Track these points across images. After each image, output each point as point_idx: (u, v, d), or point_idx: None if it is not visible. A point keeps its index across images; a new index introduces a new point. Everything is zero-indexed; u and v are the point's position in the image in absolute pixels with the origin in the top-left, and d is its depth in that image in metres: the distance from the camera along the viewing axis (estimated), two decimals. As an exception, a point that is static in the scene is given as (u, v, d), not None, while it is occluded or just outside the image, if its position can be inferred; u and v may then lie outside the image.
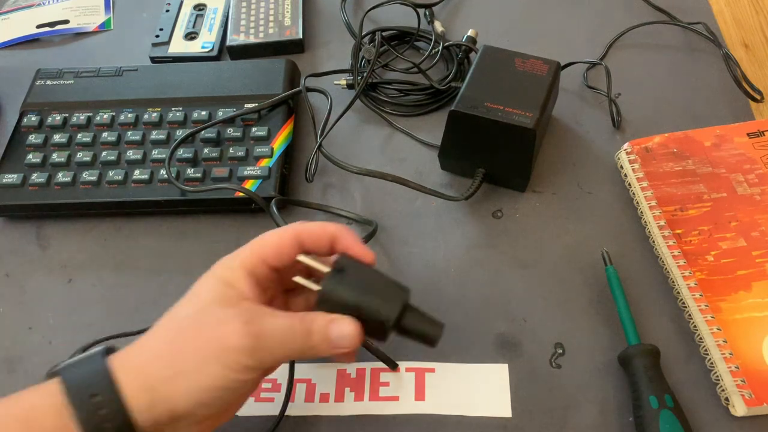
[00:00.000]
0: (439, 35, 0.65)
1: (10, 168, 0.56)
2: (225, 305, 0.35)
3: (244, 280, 0.36)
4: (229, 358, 0.34)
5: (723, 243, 0.48)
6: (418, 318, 0.38)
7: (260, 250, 0.38)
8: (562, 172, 0.56)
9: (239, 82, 0.61)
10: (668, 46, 0.65)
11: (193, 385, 0.33)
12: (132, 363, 0.34)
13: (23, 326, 0.51)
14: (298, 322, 0.36)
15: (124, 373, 0.33)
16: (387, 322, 0.37)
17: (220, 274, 0.37)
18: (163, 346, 0.34)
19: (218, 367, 0.33)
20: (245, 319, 0.34)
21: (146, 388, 0.33)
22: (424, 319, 0.38)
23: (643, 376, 0.42)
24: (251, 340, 0.34)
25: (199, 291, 0.36)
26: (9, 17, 0.75)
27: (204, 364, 0.33)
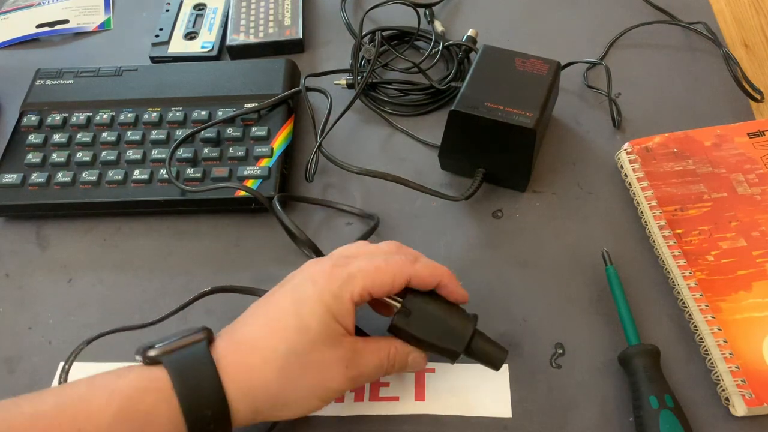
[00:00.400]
0: (439, 35, 0.65)
1: (10, 168, 0.56)
2: (330, 344, 0.37)
3: (350, 316, 0.38)
4: (328, 395, 0.38)
5: (723, 243, 0.48)
6: (484, 345, 0.41)
7: (372, 288, 0.38)
8: (562, 172, 0.56)
9: (239, 82, 0.61)
10: (668, 45, 0.65)
11: (293, 412, 0.38)
12: (242, 386, 0.36)
13: (23, 326, 0.51)
14: (386, 359, 0.39)
15: (236, 397, 0.36)
16: (456, 353, 0.41)
17: (330, 305, 0.37)
18: (273, 378, 0.36)
19: (317, 402, 0.38)
20: (346, 364, 0.38)
21: (252, 410, 0.37)
22: (490, 345, 0.41)
23: (644, 376, 0.42)
24: (349, 383, 0.38)
25: (308, 324, 0.37)
26: (9, 17, 0.75)
27: (305, 399, 0.37)
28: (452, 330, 0.40)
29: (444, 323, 0.40)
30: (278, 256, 0.53)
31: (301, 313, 0.37)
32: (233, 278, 0.52)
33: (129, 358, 0.48)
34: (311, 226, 0.55)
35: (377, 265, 0.39)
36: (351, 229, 0.54)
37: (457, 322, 0.41)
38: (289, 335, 0.37)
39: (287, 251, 0.53)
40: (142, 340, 0.47)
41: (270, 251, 0.53)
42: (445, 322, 0.40)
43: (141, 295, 0.52)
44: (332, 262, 0.40)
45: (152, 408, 0.34)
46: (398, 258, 0.40)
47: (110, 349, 0.48)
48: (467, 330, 0.40)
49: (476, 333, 0.41)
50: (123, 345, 0.48)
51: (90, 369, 0.47)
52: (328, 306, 0.37)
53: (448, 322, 0.41)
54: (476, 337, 0.41)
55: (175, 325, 0.49)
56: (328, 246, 0.52)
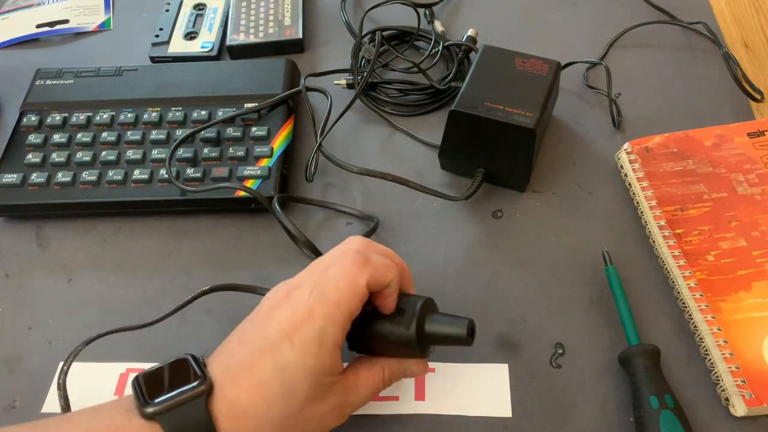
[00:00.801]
0: (439, 35, 0.65)
1: (10, 168, 0.56)
2: (321, 398, 0.36)
3: (334, 356, 0.36)
4: (325, 429, 0.38)
5: (723, 243, 0.48)
6: (439, 323, 0.39)
7: (348, 320, 0.36)
8: (562, 172, 0.56)
9: (239, 81, 0.61)
10: (668, 45, 0.64)
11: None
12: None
13: (23, 326, 0.51)
14: (380, 382, 0.39)
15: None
16: (410, 341, 0.38)
17: (313, 365, 0.35)
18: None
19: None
20: (341, 405, 0.37)
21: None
22: (446, 321, 0.39)
23: (644, 376, 0.42)
24: (347, 416, 0.38)
25: (295, 388, 0.35)
26: (9, 17, 0.75)
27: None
28: (401, 317, 0.38)
29: (394, 316, 0.38)
30: (278, 256, 0.53)
31: (285, 380, 0.35)
32: (233, 278, 0.51)
33: (128, 358, 0.48)
34: (311, 226, 0.55)
35: (338, 298, 0.36)
36: (351, 229, 0.54)
37: (408, 306, 0.39)
38: (278, 402, 0.35)
39: (287, 251, 0.53)
40: (141, 340, 0.48)
41: (270, 251, 0.53)
42: (395, 315, 0.38)
43: (141, 295, 0.52)
44: (292, 306, 0.37)
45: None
46: (352, 270, 0.37)
47: (110, 349, 0.48)
48: (413, 310, 0.38)
49: (428, 316, 0.39)
50: (122, 345, 0.48)
51: (89, 369, 0.47)
52: (311, 366, 0.35)
53: (398, 311, 0.39)
54: (428, 318, 0.38)
55: (174, 324, 0.49)
56: (328, 246, 0.51)
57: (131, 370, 0.47)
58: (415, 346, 0.38)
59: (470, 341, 0.38)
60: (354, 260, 0.37)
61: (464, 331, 0.38)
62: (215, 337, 0.49)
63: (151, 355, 0.48)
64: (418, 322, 0.38)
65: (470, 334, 0.38)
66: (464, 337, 0.38)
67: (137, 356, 0.48)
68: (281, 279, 0.51)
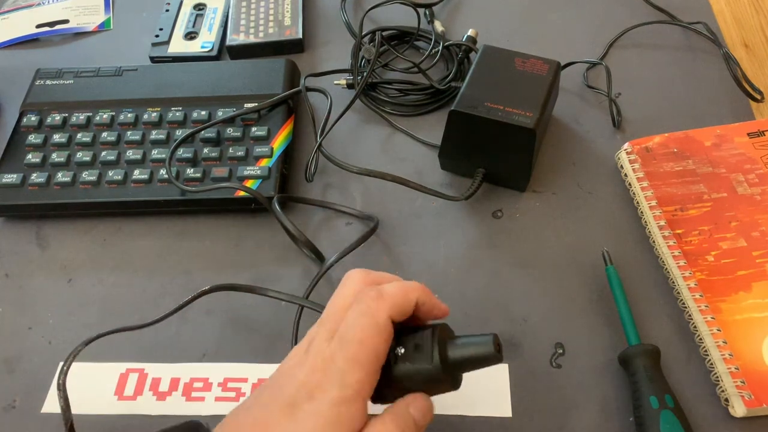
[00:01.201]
0: (439, 35, 0.65)
1: (10, 168, 0.56)
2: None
3: (361, 413, 0.31)
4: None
5: (723, 243, 0.48)
6: (463, 346, 0.34)
7: (374, 357, 0.32)
8: (562, 172, 0.56)
9: (239, 82, 0.61)
10: (668, 45, 0.64)
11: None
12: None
13: (23, 326, 0.51)
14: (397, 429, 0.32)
15: None
16: (436, 376, 0.33)
17: (329, 414, 0.31)
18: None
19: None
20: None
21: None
22: (469, 342, 0.34)
23: (644, 376, 0.42)
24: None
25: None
26: (9, 17, 0.75)
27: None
28: (420, 351, 0.34)
29: (412, 351, 0.34)
30: (278, 256, 0.53)
31: (296, 426, 0.31)
32: (233, 278, 0.51)
33: (128, 358, 0.48)
34: (311, 226, 0.55)
35: (361, 337, 0.32)
36: (350, 230, 0.54)
37: (425, 340, 0.34)
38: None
39: (287, 251, 0.53)
40: (141, 340, 0.48)
41: (270, 251, 0.53)
42: (413, 350, 0.34)
43: (141, 295, 0.52)
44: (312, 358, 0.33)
45: None
46: (366, 306, 0.33)
47: (110, 350, 0.48)
48: (429, 339, 0.34)
49: (446, 342, 0.34)
50: (122, 345, 0.48)
51: (89, 369, 0.47)
52: (327, 415, 0.31)
53: (417, 346, 0.34)
54: (449, 344, 0.34)
55: (174, 324, 0.49)
56: (327, 246, 0.52)
57: (131, 370, 0.47)
58: (443, 379, 0.34)
59: (500, 357, 0.34)
60: (370, 297, 0.33)
61: (491, 348, 0.33)
62: (215, 337, 0.49)
63: (151, 355, 0.48)
64: (440, 352, 0.34)
65: (498, 350, 0.34)
66: (492, 354, 0.33)
67: (137, 356, 0.48)
68: (281, 279, 0.51)
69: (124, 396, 0.46)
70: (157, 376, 0.47)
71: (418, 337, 0.34)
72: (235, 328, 0.49)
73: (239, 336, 0.49)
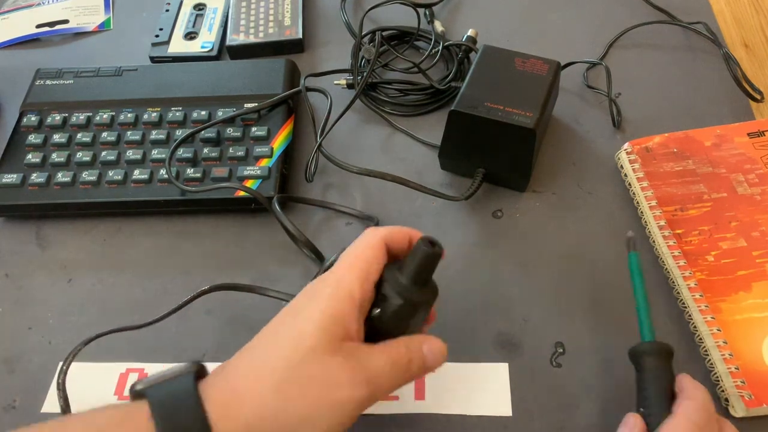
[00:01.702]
0: (439, 35, 0.65)
1: (10, 168, 0.56)
2: (330, 350, 0.33)
3: (351, 315, 0.34)
4: (341, 410, 0.33)
5: (723, 243, 0.48)
6: (407, 268, 0.37)
7: (366, 270, 0.36)
8: (562, 172, 0.56)
9: (239, 82, 0.61)
10: (668, 45, 0.64)
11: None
12: (232, 412, 0.32)
13: (23, 326, 0.51)
14: (398, 356, 0.35)
15: (225, 423, 0.31)
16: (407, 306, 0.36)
17: (327, 312, 0.34)
18: (269, 396, 0.32)
19: (329, 419, 0.33)
20: (351, 367, 0.33)
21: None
22: (409, 261, 0.37)
23: (654, 377, 0.40)
24: (361, 391, 0.33)
25: (304, 330, 0.33)
26: (9, 17, 0.75)
27: (313, 419, 0.32)
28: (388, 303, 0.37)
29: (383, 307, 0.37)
30: (278, 256, 0.53)
31: (296, 321, 0.34)
32: (233, 278, 0.51)
33: (127, 358, 0.48)
34: (311, 226, 0.55)
35: (356, 253, 0.36)
36: (351, 230, 0.54)
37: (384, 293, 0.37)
38: (284, 346, 0.33)
39: (287, 251, 0.53)
40: (141, 340, 0.48)
41: (270, 251, 0.53)
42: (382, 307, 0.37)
43: (141, 295, 0.52)
44: (313, 282, 0.37)
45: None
46: (367, 233, 0.38)
47: (110, 349, 0.48)
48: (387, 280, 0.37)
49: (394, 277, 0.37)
50: (122, 345, 0.48)
51: (89, 369, 0.47)
52: (326, 312, 0.34)
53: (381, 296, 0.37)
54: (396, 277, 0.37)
55: (174, 324, 0.49)
56: (327, 246, 0.52)
57: (131, 370, 0.47)
58: (418, 302, 0.37)
59: (437, 250, 0.36)
60: (368, 229, 0.39)
61: (426, 249, 0.36)
62: (215, 336, 0.49)
63: (151, 355, 0.48)
64: (396, 289, 0.36)
65: (431, 245, 0.36)
66: (429, 252, 0.36)
67: (137, 356, 0.48)
68: (281, 279, 0.51)
69: (124, 396, 0.46)
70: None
71: (380, 291, 0.37)
72: (235, 328, 0.49)
73: (239, 336, 0.48)
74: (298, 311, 0.35)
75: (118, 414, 0.32)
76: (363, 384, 0.33)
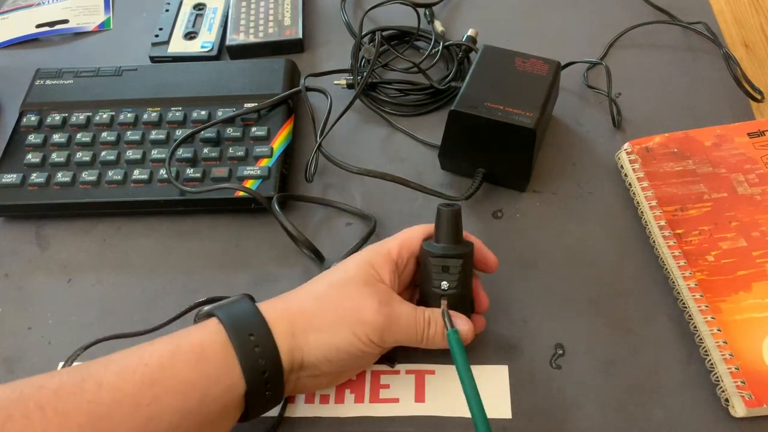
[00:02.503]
0: (439, 35, 0.65)
1: (10, 168, 0.56)
2: (366, 283, 0.41)
3: (386, 266, 0.42)
4: (360, 328, 0.39)
5: (723, 243, 0.48)
6: (438, 238, 0.43)
7: (407, 239, 0.43)
8: (562, 172, 0.56)
9: (239, 82, 0.61)
10: (668, 45, 0.64)
11: (324, 341, 0.39)
12: (279, 310, 0.40)
13: (23, 326, 0.51)
14: (422, 313, 0.41)
15: (273, 318, 0.39)
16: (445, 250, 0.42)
17: (368, 258, 0.42)
18: (310, 303, 0.40)
19: (348, 333, 0.39)
20: (380, 299, 0.40)
21: (289, 334, 0.39)
22: (438, 231, 0.43)
23: None
24: (381, 319, 0.39)
25: (347, 267, 0.42)
26: (8, 17, 0.75)
27: (338, 326, 0.39)
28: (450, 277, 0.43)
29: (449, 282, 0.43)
30: (278, 256, 0.53)
31: (342, 265, 0.43)
32: (233, 278, 0.52)
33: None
34: (311, 226, 0.55)
35: (405, 230, 0.45)
36: (351, 230, 0.54)
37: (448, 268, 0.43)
38: (330, 276, 0.42)
39: (287, 251, 0.53)
40: (140, 340, 0.47)
41: (270, 251, 0.53)
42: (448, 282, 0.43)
43: (141, 295, 0.52)
44: None
45: (203, 339, 0.38)
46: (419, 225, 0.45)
47: (110, 350, 0.47)
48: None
49: (432, 252, 0.43)
50: (123, 345, 0.48)
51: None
52: (366, 258, 0.42)
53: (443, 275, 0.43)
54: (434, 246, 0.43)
55: (174, 324, 0.49)
56: (327, 246, 0.52)
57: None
58: (450, 248, 0.42)
59: (455, 205, 0.43)
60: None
61: (446, 213, 0.42)
62: (215, 337, 0.49)
63: (151, 355, 0.48)
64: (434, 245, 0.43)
65: (448, 206, 0.43)
66: (448, 211, 0.42)
67: (137, 356, 0.48)
68: (281, 279, 0.51)
69: None
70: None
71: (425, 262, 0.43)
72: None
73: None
74: (346, 261, 0.43)
75: (194, 327, 0.39)
76: (383, 315, 0.40)
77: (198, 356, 0.37)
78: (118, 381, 0.35)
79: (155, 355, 0.37)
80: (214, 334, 0.38)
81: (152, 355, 0.37)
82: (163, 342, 0.38)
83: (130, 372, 0.36)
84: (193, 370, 0.36)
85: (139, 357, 0.37)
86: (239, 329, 0.38)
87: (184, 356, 0.37)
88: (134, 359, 0.37)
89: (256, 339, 0.38)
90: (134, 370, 0.36)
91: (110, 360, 0.37)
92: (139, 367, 0.36)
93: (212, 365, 0.37)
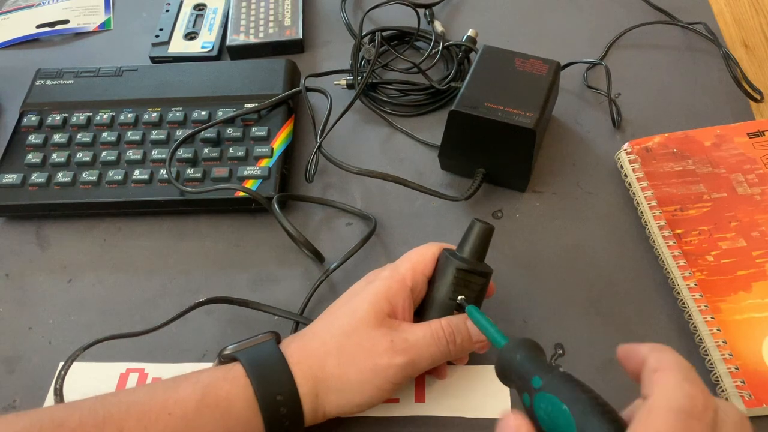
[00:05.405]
0: (439, 35, 0.65)
1: (10, 168, 0.56)
2: (375, 323, 0.40)
3: (401, 294, 0.41)
4: (383, 375, 0.39)
5: (723, 243, 0.48)
6: (468, 246, 0.43)
7: (421, 262, 0.42)
8: (562, 172, 0.56)
9: (239, 82, 0.61)
10: (668, 46, 0.64)
11: (346, 400, 0.40)
12: (304, 368, 0.39)
13: (23, 326, 0.51)
14: (440, 329, 0.40)
15: (299, 377, 0.39)
16: (466, 263, 0.42)
17: (381, 290, 0.41)
18: (330, 358, 0.39)
19: (372, 389, 0.39)
20: (391, 338, 0.39)
21: (313, 394, 0.39)
22: (467, 241, 0.43)
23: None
24: (400, 359, 0.39)
25: (357, 305, 0.41)
26: (9, 17, 0.75)
27: (361, 384, 0.39)
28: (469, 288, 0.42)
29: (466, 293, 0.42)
30: (278, 256, 0.53)
31: (352, 300, 0.41)
32: (233, 278, 0.52)
33: (128, 358, 0.48)
34: (311, 226, 0.55)
35: (414, 251, 0.44)
36: (351, 230, 0.54)
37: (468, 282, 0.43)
38: (341, 318, 0.41)
39: (287, 251, 0.53)
40: (141, 340, 0.48)
41: (270, 251, 0.53)
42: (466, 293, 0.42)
43: (141, 296, 0.52)
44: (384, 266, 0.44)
45: (230, 394, 0.38)
46: (426, 244, 0.45)
47: (110, 349, 0.48)
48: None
49: (459, 266, 0.42)
50: (122, 345, 0.48)
51: (89, 369, 0.47)
52: (380, 291, 0.41)
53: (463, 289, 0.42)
54: (462, 261, 0.42)
55: (174, 324, 0.49)
56: (327, 246, 0.52)
57: (131, 370, 0.47)
58: (476, 263, 0.42)
59: (491, 225, 0.43)
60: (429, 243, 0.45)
61: (482, 226, 0.43)
62: (215, 337, 0.49)
63: (152, 355, 0.48)
64: (458, 256, 0.42)
65: (483, 222, 0.43)
66: (484, 227, 0.43)
67: (137, 356, 0.48)
68: (281, 279, 0.52)
69: None
70: (157, 375, 0.47)
71: (443, 273, 0.43)
72: (235, 328, 0.49)
73: (239, 336, 0.48)
74: (357, 292, 0.42)
75: (219, 372, 0.39)
76: (401, 352, 0.39)
77: (224, 412, 0.37)
78: (139, 428, 0.35)
79: (179, 405, 0.37)
80: (241, 389, 0.38)
81: (176, 404, 0.37)
82: (187, 389, 0.38)
83: (152, 420, 0.36)
84: (217, 425, 0.37)
85: (163, 404, 0.37)
86: (267, 390, 0.38)
87: (209, 411, 0.37)
88: (157, 405, 0.37)
89: (283, 400, 0.38)
90: (156, 418, 0.36)
91: (131, 400, 0.37)
92: (162, 416, 0.36)
93: (237, 422, 0.37)
